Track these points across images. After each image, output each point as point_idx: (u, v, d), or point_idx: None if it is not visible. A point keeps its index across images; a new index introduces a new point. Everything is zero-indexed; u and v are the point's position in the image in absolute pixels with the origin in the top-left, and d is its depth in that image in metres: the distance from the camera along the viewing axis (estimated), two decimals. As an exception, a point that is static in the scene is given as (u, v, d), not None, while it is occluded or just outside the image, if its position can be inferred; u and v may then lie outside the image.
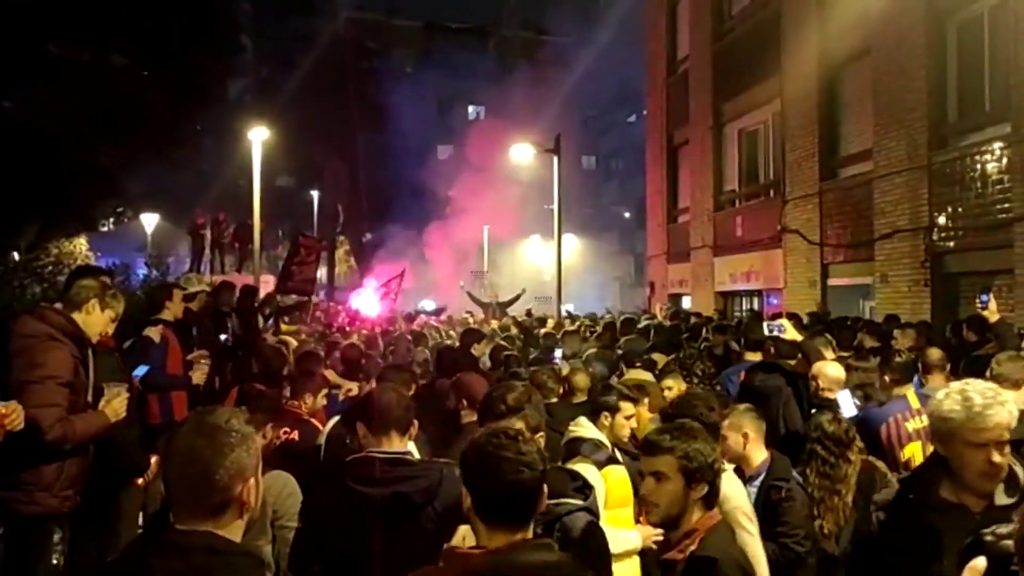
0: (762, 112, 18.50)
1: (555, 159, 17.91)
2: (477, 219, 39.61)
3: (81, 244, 21.22)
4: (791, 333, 6.27)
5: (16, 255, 17.18)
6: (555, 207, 18.36)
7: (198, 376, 6.31)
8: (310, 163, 40.37)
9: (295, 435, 5.09)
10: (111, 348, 5.43)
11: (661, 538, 3.02)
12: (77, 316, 4.40)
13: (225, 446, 1.95)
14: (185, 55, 18.52)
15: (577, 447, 4.36)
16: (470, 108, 53.35)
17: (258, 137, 18.71)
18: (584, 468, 3.92)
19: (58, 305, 4.56)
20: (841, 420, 4.65)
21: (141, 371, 5.86)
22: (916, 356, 6.28)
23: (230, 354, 8.59)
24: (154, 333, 6.37)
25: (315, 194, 38.50)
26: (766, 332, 6.46)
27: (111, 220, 23.79)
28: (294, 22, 38.28)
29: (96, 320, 4.47)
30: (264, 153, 19.51)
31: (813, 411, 5.23)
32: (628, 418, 4.42)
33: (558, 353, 8.99)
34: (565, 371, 7.75)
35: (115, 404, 4.40)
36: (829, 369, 5.58)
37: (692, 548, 2.79)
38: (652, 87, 25.23)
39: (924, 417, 5.33)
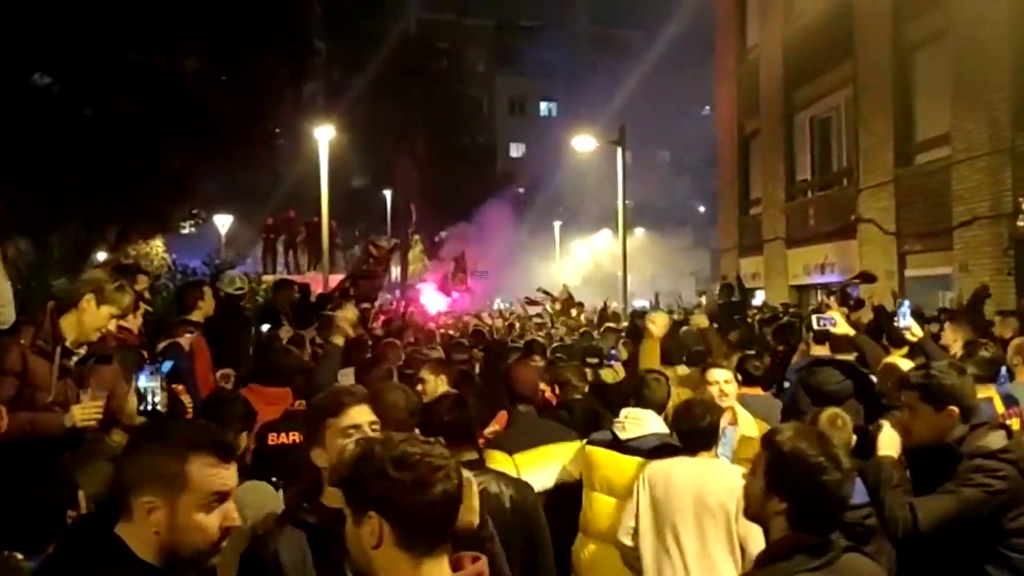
0: (834, 98, 17.85)
1: (619, 150, 17.59)
2: (551, 216, 39.43)
3: (158, 246, 21.80)
4: (842, 327, 5.74)
5: (99, 257, 17.82)
6: (619, 199, 18.07)
7: None
8: (384, 163, 40.74)
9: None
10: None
11: None
12: (71, 315, 4.22)
13: None
14: (258, 59, 18.84)
15: None
16: (542, 105, 53.20)
17: (324, 136, 18.90)
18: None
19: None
20: None
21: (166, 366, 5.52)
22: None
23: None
24: (185, 341, 6.08)
25: (388, 194, 38.83)
26: (815, 325, 5.94)
27: (190, 223, 24.36)
28: (366, 24, 38.62)
29: (92, 317, 4.24)
30: (338, 154, 19.69)
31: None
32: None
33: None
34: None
35: (77, 411, 4.10)
36: (904, 366, 5.20)
37: None
38: (722, 76, 24.64)
39: (1012, 421, 4.93)
